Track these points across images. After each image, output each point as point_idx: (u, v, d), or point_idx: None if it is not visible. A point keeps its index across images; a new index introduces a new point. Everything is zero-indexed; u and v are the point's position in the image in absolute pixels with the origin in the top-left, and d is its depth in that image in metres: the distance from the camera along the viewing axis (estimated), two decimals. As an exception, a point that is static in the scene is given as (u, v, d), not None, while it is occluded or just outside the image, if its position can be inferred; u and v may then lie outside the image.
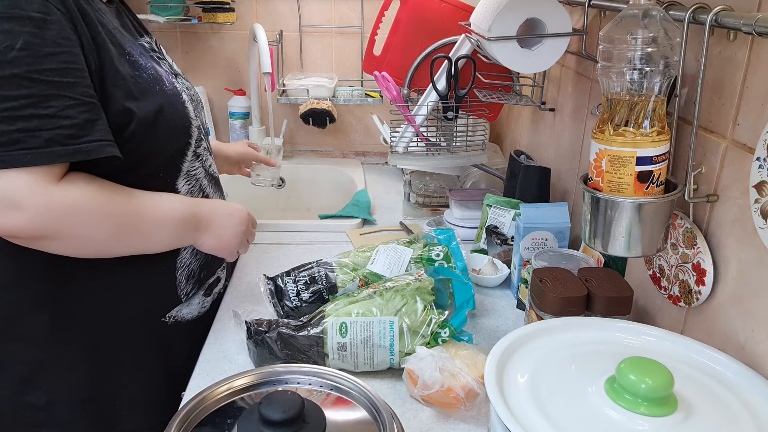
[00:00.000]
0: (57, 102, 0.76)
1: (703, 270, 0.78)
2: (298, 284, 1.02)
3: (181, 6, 1.82)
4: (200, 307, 1.05)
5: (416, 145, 1.43)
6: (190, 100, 0.97)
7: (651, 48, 0.73)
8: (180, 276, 0.99)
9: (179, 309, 1.01)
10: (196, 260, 1.01)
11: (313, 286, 1.02)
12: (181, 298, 1.00)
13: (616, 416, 0.58)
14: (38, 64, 0.75)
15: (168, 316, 0.99)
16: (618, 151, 0.76)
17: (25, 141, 0.74)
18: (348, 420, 0.64)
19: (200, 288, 1.04)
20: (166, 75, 0.93)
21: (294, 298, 1.01)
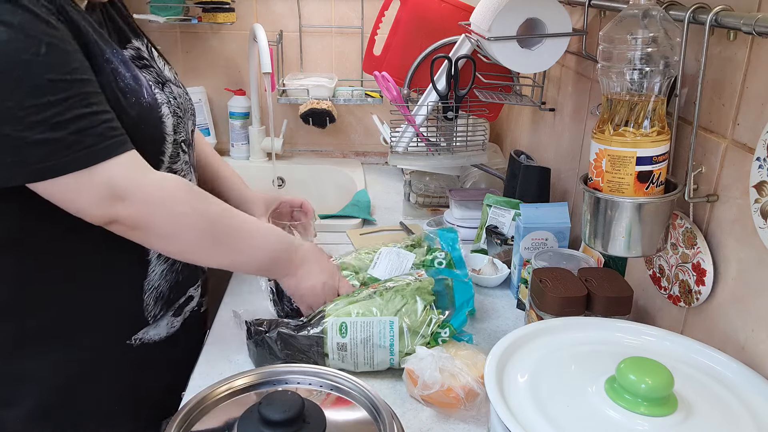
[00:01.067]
0: (96, 98, 0.77)
1: (703, 270, 0.78)
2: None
3: (181, 6, 1.82)
4: (168, 327, 1.01)
5: (416, 145, 1.43)
6: (172, 113, 0.92)
7: (651, 48, 0.73)
8: (148, 299, 0.96)
9: (146, 331, 0.97)
10: (165, 281, 0.98)
11: None
12: (148, 320, 0.97)
13: (616, 416, 0.58)
14: (67, 65, 0.74)
15: (134, 338, 0.96)
16: (618, 151, 0.76)
17: (81, 142, 0.75)
18: (348, 420, 0.64)
19: (169, 309, 1.01)
20: (147, 86, 0.89)
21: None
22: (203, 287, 1.11)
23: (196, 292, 1.08)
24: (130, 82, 0.85)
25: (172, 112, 0.93)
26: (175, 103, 0.95)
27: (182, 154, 0.97)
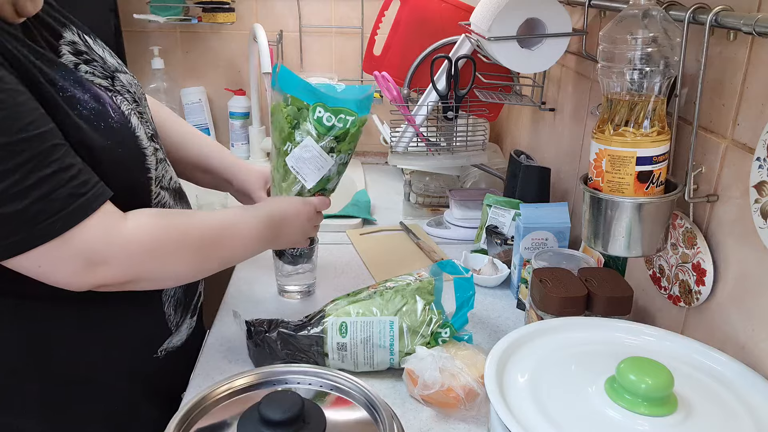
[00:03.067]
0: (55, 155, 0.68)
1: (703, 270, 0.78)
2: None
3: (180, 6, 1.82)
4: (188, 329, 0.99)
5: (416, 145, 1.43)
6: (137, 118, 0.83)
7: (651, 48, 0.73)
8: (168, 309, 0.93)
9: (170, 340, 0.94)
10: (180, 287, 0.95)
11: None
12: (171, 330, 0.94)
13: (616, 416, 0.58)
14: (20, 121, 0.65)
15: (160, 350, 0.93)
16: (618, 151, 0.76)
17: (46, 210, 0.67)
18: (348, 420, 0.64)
19: (186, 312, 0.98)
20: (110, 100, 0.79)
21: None
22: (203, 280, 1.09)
23: (201, 287, 1.06)
24: (92, 104, 0.75)
25: (136, 116, 0.83)
26: (130, 97, 0.85)
27: (158, 153, 0.88)
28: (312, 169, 0.98)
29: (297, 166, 0.98)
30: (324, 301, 0.97)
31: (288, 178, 1.00)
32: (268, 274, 1.16)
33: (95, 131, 0.74)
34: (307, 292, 1.14)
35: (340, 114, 0.96)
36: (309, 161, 0.98)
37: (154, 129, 0.90)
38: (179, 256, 0.80)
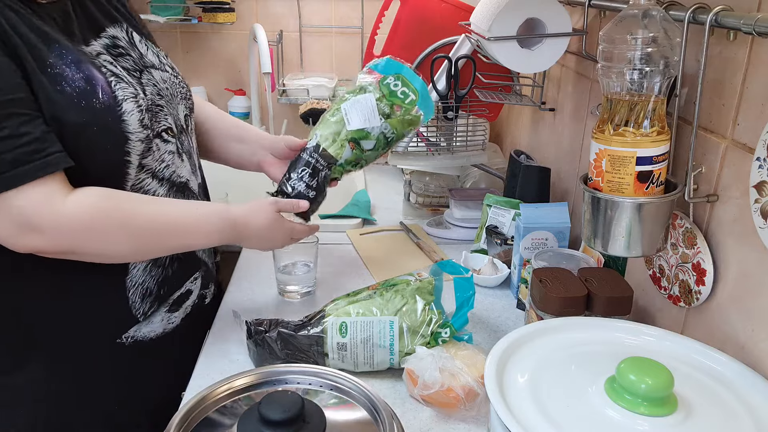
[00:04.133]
0: (9, 121, 0.74)
1: (703, 270, 0.78)
2: (303, 180, 1.05)
3: (181, 6, 1.82)
4: (165, 323, 0.98)
5: (416, 145, 1.43)
6: (142, 107, 0.88)
7: (651, 48, 0.73)
8: (133, 296, 0.93)
9: (137, 329, 0.95)
10: (151, 277, 0.95)
11: (317, 175, 1.05)
12: (137, 317, 0.94)
13: (616, 416, 0.58)
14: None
15: (124, 336, 0.94)
16: (618, 151, 0.76)
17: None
18: (348, 420, 0.64)
19: (161, 305, 0.97)
20: (106, 84, 0.84)
21: (305, 189, 1.05)
22: (205, 278, 1.07)
23: (195, 285, 1.04)
24: (80, 84, 0.80)
25: (140, 107, 0.87)
26: (154, 90, 0.92)
27: (163, 145, 0.92)
28: (359, 115, 1.05)
29: (348, 108, 1.05)
30: (324, 301, 0.97)
31: (336, 115, 1.06)
32: (268, 274, 1.16)
33: (72, 108, 0.79)
34: (307, 292, 1.14)
35: (409, 93, 1.08)
36: (360, 109, 1.05)
37: (173, 123, 0.95)
38: (118, 237, 0.83)
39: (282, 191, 1.05)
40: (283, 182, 1.06)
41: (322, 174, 1.05)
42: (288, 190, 1.05)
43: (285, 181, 1.06)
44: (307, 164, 1.05)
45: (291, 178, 1.06)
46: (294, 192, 1.05)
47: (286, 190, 1.05)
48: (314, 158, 1.05)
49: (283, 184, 1.06)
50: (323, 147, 1.05)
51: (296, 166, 1.06)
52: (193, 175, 1.02)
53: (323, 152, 1.05)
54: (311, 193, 1.05)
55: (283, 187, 1.06)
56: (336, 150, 1.05)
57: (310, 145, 1.06)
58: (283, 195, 1.05)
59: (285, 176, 1.07)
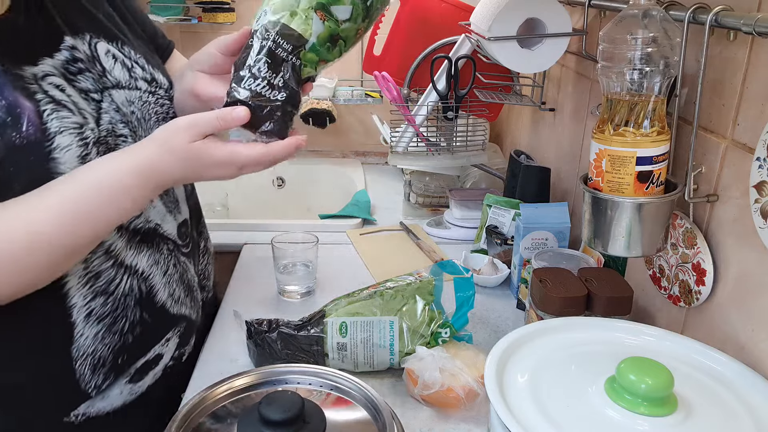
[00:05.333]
0: None
1: (703, 270, 0.78)
2: (259, 75, 0.73)
3: (181, 6, 1.82)
4: (127, 395, 0.83)
5: (416, 145, 1.43)
6: (81, 142, 0.71)
7: (651, 48, 0.73)
8: (81, 368, 0.77)
9: (89, 404, 0.79)
10: (104, 346, 0.78)
11: (280, 66, 0.73)
12: (88, 393, 0.79)
13: (616, 416, 0.58)
14: None
15: (74, 414, 0.78)
16: (618, 151, 0.76)
17: None
18: (348, 420, 0.64)
19: (120, 376, 0.81)
20: (35, 114, 0.68)
21: (268, 90, 0.74)
22: (185, 335, 0.90)
23: (167, 347, 0.87)
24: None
25: (86, 139, 0.72)
26: (117, 117, 0.77)
27: None
28: None
29: None
30: (324, 301, 0.97)
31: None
32: (268, 274, 1.16)
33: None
34: (307, 292, 1.14)
35: None
36: None
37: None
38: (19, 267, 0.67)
39: (230, 102, 0.73)
40: (230, 89, 0.74)
41: (289, 64, 0.73)
42: (238, 95, 0.73)
43: (232, 85, 0.74)
44: (262, 51, 0.73)
45: (241, 78, 0.73)
46: (247, 97, 0.72)
47: (235, 97, 0.73)
48: (272, 41, 0.72)
49: (232, 91, 0.74)
50: (283, 23, 0.72)
51: (246, 60, 0.74)
52: (170, 215, 0.86)
53: (284, 30, 0.72)
54: (277, 94, 0.73)
55: (231, 94, 0.73)
56: (300, 25, 0.72)
57: (260, 25, 0.74)
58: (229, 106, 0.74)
59: (232, 80, 0.74)
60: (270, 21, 0.73)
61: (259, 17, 0.74)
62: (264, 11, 0.74)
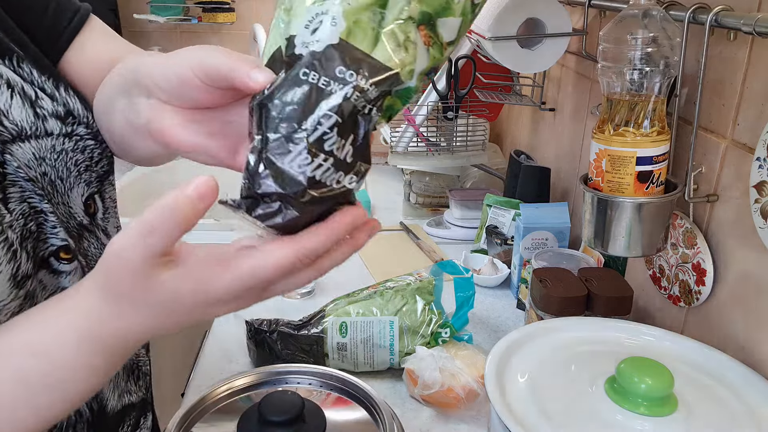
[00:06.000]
0: None
1: (703, 270, 0.78)
2: (324, 149, 0.40)
3: (181, 6, 1.82)
4: None
5: (416, 145, 1.43)
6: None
7: (651, 48, 0.73)
8: None
9: None
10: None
11: (355, 127, 0.40)
12: None
13: (616, 416, 0.58)
14: None
15: None
16: (618, 151, 0.76)
17: None
18: (348, 420, 0.64)
19: None
20: None
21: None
22: (136, 419, 0.68)
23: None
24: None
25: (6, 241, 0.47)
26: (26, 187, 0.50)
27: (51, 280, 0.52)
28: None
29: None
30: (324, 301, 0.97)
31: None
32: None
33: None
34: (307, 292, 1.13)
35: None
36: None
37: (65, 232, 0.53)
38: None
39: (250, 194, 0.40)
40: (255, 170, 0.40)
41: (366, 119, 0.40)
42: (279, 187, 0.39)
43: (259, 169, 0.40)
44: (323, 102, 0.39)
45: (282, 152, 0.39)
46: (299, 191, 0.39)
47: (271, 190, 0.39)
48: (343, 85, 0.39)
49: (261, 178, 0.40)
50: (366, 58, 0.40)
51: (283, 117, 0.39)
52: None
53: (369, 69, 0.40)
54: (344, 177, 0.40)
55: (260, 184, 0.40)
56: (394, 53, 0.40)
57: (305, 49, 0.40)
58: (249, 200, 0.41)
59: (257, 149, 0.40)
60: (334, 48, 0.39)
61: (300, 30, 0.40)
62: (313, 22, 0.40)
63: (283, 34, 0.42)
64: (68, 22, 0.59)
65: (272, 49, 0.43)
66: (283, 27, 0.42)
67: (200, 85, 0.44)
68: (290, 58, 0.40)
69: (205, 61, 0.43)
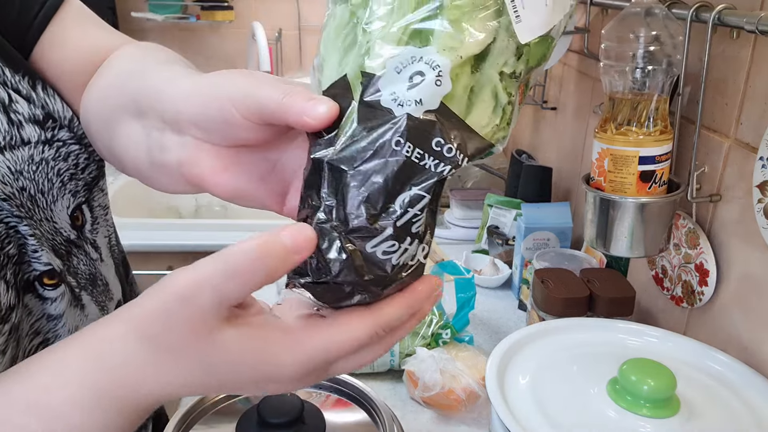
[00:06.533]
0: None
1: (706, 270, 0.78)
2: (411, 232, 0.34)
3: (179, 4, 1.82)
4: None
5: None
6: None
7: (653, 46, 0.72)
8: None
9: None
10: None
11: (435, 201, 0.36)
12: None
13: (618, 418, 0.57)
14: None
15: None
16: (620, 150, 0.75)
17: None
18: (348, 422, 0.64)
19: None
20: None
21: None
22: None
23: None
24: None
25: None
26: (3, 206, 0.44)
27: (38, 305, 0.47)
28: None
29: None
30: (324, 301, 0.96)
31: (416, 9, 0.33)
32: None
33: None
34: None
35: None
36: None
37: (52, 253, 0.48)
38: None
39: (320, 278, 0.34)
40: (321, 247, 0.33)
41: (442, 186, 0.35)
42: (344, 275, 0.33)
43: (329, 256, 0.33)
44: (422, 183, 0.34)
45: (365, 235, 0.33)
46: (383, 277, 0.34)
47: (331, 275, 0.33)
48: (441, 161, 0.34)
49: (332, 264, 0.33)
50: (456, 114, 0.33)
51: (373, 196, 0.33)
52: (103, 312, 0.54)
53: (462, 130, 0.34)
54: (422, 253, 0.36)
55: (330, 269, 0.33)
56: (493, 117, 0.35)
57: (400, 110, 0.32)
58: (320, 287, 0.35)
59: (325, 218, 0.34)
60: (434, 115, 0.33)
61: (390, 74, 0.33)
62: (407, 67, 0.32)
63: (358, 62, 0.34)
64: (39, 7, 0.50)
65: (333, 70, 0.35)
66: (358, 51, 0.34)
67: (245, 123, 0.37)
68: (371, 106, 0.33)
69: (249, 96, 0.36)
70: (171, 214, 1.74)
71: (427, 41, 0.32)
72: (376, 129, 0.33)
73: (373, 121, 0.33)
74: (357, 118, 0.33)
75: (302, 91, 0.35)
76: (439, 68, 0.32)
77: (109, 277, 0.56)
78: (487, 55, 0.33)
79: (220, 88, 0.37)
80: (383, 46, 0.33)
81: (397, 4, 0.33)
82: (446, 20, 0.32)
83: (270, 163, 0.41)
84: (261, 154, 0.40)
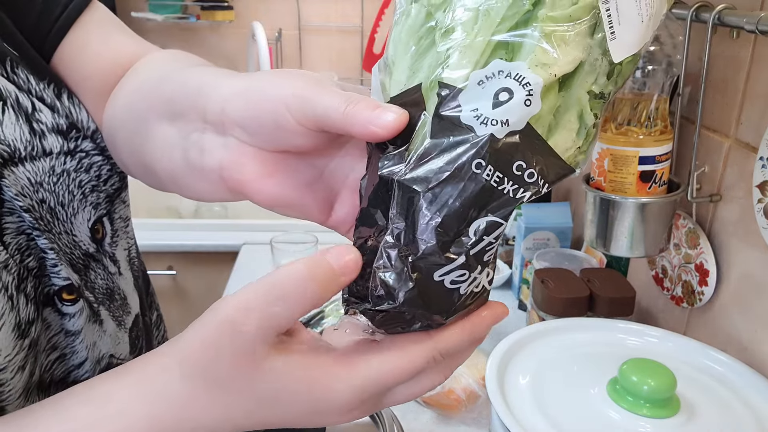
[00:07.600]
0: None
1: (706, 270, 0.78)
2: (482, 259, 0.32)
3: (179, 4, 1.82)
4: None
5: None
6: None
7: (653, 46, 0.72)
8: None
9: None
10: None
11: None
12: None
13: (618, 418, 0.57)
14: None
15: None
16: (620, 150, 0.75)
17: None
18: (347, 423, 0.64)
19: None
20: None
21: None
22: None
23: None
24: None
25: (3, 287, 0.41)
26: (25, 218, 0.42)
27: (57, 320, 0.46)
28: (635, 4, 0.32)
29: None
30: (324, 301, 0.96)
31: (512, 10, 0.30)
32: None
33: None
34: None
35: None
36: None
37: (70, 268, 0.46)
38: None
39: (382, 306, 0.31)
40: (387, 281, 0.31)
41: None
42: (409, 304, 0.31)
43: (395, 265, 0.31)
44: (503, 208, 0.30)
45: (434, 263, 0.30)
46: (451, 309, 0.32)
47: (396, 303, 0.31)
48: (514, 181, 0.30)
49: (400, 290, 0.31)
50: (541, 136, 0.31)
51: (451, 222, 0.30)
52: (121, 329, 0.52)
53: (545, 154, 0.31)
54: (488, 282, 0.33)
55: (385, 293, 0.31)
56: (576, 140, 0.32)
57: (491, 133, 0.29)
58: (382, 316, 0.32)
59: (392, 241, 0.31)
60: (519, 136, 0.30)
61: (473, 89, 0.30)
62: (492, 80, 0.30)
63: (434, 70, 0.31)
64: (62, 9, 0.48)
65: (403, 74, 0.33)
66: (436, 60, 0.31)
67: (298, 129, 0.34)
68: (448, 121, 0.30)
69: (308, 102, 0.33)
70: (171, 214, 1.74)
71: (516, 55, 0.29)
72: (454, 148, 0.30)
73: (450, 139, 0.30)
74: (430, 132, 0.30)
75: (365, 98, 0.32)
76: (530, 86, 0.29)
77: (128, 291, 0.55)
78: (576, 73, 0.31)
79: (276, 89, 0.34)
80: (465, 55, 0.30)
81: (483, 10, 0.30)
82: (538, 33, 0.29)
83: (317, 170, 0.38)
84: (308, 161, 0.37)
